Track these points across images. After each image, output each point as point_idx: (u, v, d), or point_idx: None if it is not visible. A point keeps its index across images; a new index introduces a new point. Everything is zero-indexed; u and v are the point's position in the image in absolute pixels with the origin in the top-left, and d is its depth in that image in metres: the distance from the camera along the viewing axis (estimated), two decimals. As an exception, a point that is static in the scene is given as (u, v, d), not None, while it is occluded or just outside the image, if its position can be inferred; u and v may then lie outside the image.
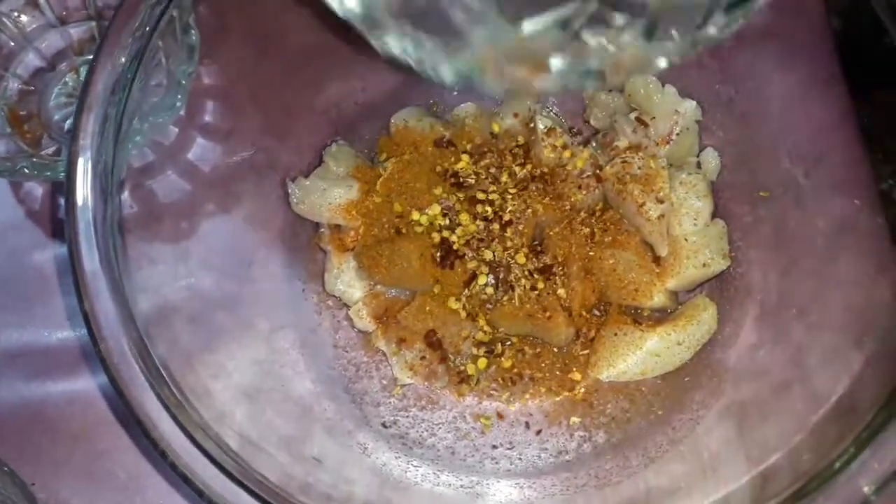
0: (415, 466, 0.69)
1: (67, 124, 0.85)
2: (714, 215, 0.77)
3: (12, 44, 0.84)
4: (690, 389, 0.71)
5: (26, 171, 0.76)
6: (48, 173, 0.77)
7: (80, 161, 0.59)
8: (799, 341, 0.65)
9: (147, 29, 0.62)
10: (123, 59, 0.62)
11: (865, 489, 0.47)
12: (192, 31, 0.70)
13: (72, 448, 0.76)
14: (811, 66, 0.72)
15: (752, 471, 0.55)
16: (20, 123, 0.84)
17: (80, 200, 0.58)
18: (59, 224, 0.82)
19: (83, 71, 0.86)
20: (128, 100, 0.62)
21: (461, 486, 0.68)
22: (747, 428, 0.62)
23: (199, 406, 0.54)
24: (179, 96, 0.73)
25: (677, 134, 0.77)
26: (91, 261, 0.57)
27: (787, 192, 0.71)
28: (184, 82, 0.72)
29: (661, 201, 0.75)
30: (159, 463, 0.74)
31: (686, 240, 0.76)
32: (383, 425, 0.73)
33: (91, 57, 0.76)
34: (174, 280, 0.66)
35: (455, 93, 0.84)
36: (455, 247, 0.76)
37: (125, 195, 0.62)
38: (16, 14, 0.83)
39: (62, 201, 0.80)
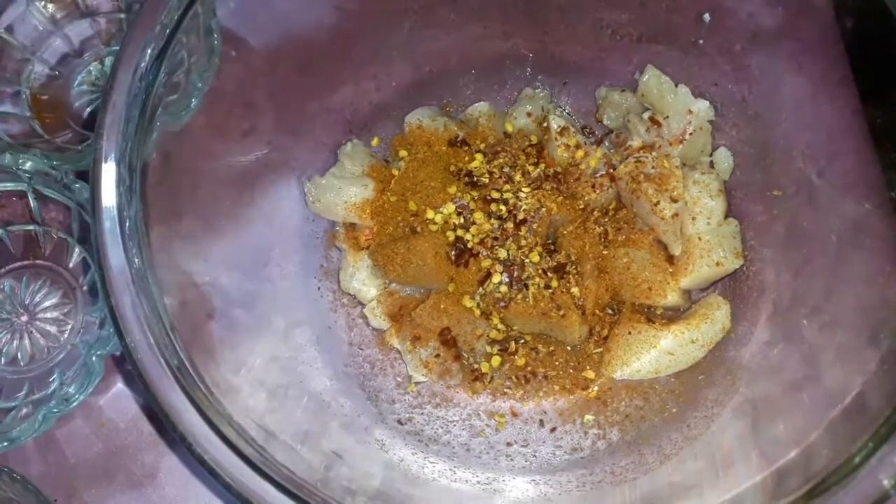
0: (431, 462, 0.70)
1: (87, 112, 0.86)
2: (727, 214, 0.78)
3: (41, 28, 0.85)
4: (704, 387, 0.72)
5: (39, 156, 0.77)
6: (56, 162, 0.77)
7: (104, 160, 0.60)
8: (812, 339, 0.65)
9: (169, 30, 0.63)
10: (147, 59, 0.62)
11: (885, 483, 0.47)
12: (215, 34, 0.71)
13: (87, 444, 0.77)
14: (823, 68, 0.72)
15: (769, 467, 0.55)
16: (41, 108, 0.85)
17: (105, 200, 0.59)
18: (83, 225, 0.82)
19: (108, 61, 0.87)
20: (151, 99, 0.63)
21: (478, 482, 0.69)
22: (762, 425, 0.63)
23: (223, 400, 0.54)
24: (196, 96, 0.73)
25: (690, 133, 0.78)
26: (117, 258, 0.57)
27: (801, 192, 0.71)
28: (200, 84, 0.73)
29: (675, 200, 0.75)
30: (177, 459, 0.75)
31: (699, 238, 0.76)
32: (399, 422, 0.74)
33: (117, 48, 0.78)
34: (194, 277, 0.67)
35: (469, 92, 0.85)
36: (469, 245, 0.76)
37: (146, 198, 0.62)
38: (42, 3, 0.85)
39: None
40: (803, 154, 0.72)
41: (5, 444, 0.68)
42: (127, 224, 0.59)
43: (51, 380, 0.77)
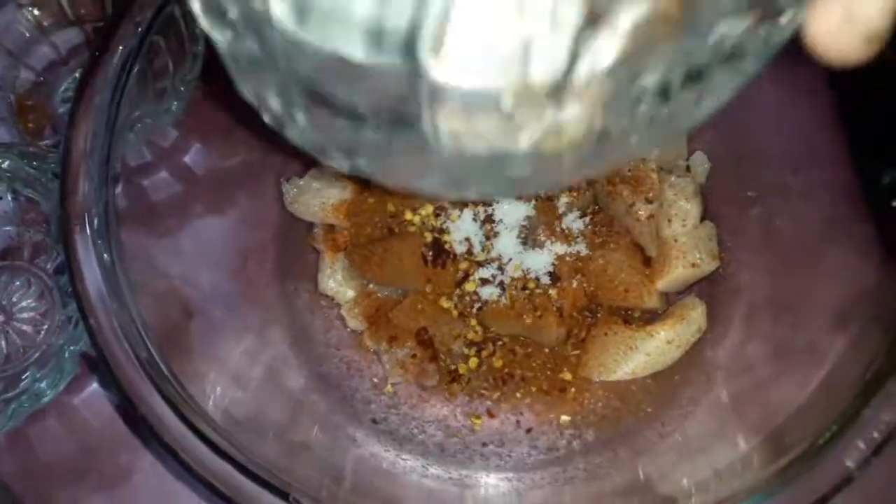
0: (403, 459, 0.69)
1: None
2: (704, 218, 0.78)
3: (28, 35, 0.87)
4: (680, 386, 0.72)
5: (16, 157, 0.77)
6: (35, 163, 0.78)
7: (74, 156, 0.60)
8: (784, 335, 0.65)
9: (142, 29, 0.63)
10: (119, 58, 0.63)
11: (849, 464, 0.48)
12: (200, 41, 0.72)
13: (60, 444, 0.76)
14: (799, 71, 0.73)
15: (741, 452, 0.55)
16: (25, 113, 0.86)
17: (76, 197, 0.58)
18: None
19: None
20: (122, 100, 0.63)
21: (450, 478, 0.68)
22: (736, 416, 0.63)
23: (189, 387, 0.54)
24: (177, 101, 0.74)
25: (666, 137, 0.78)
26: (86, 255, 0.57)
27: (776, 191, 0.72)
28: (182, 89, 0.74)
29: (650, 201, 0.76)
30: (151, 459, 0.75)
31: (675, 240, 0.76)
32: (373, 421, 0.73)
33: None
34: (168, 274, 0.67)
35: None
36: (447, 246, 0.77)
37: (121, 194, 0.63)
38: (30, 8, 0.86)
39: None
40: (778, 154, 0.73)
41: None
42: (96, 220, 0.59)
43: (24, 377, 0.76)
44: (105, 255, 0.58)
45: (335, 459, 0.64)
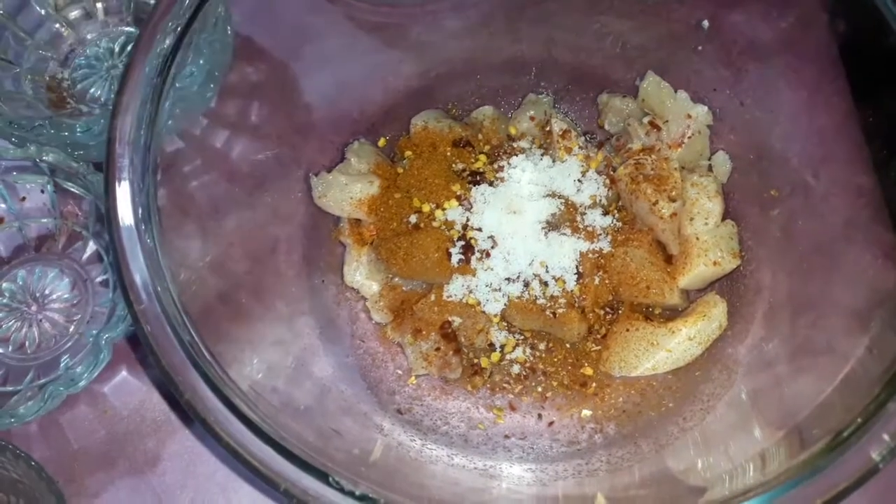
0: (429, 448, 0.70)
1: (90, 92, 0.90)
2: (725, 216, 0.79)
3: (43, 12, 0.89)
4: (701, 383, 0.73)
5: (45, 131, 0.79)
6: (65, 133, 0.79)
7: (119, 143, 0.61)
8: (806, 333, 0.66)
9: (181, 28, 0.64)
10: (163, 48, 0.64)
11: (874, 456, 0.49)
12: (229, 28, 0.73)
13: (90, 430, 0.78)
14: (818, 71, 0.74)
15: (761, 446, 0.56)
16: (44, 88, 0.88)
17: (118, 183, 0.60)
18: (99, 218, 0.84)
19: (104, 42, 0.91)
20: (166, 84, 0.64)
21: (475, 468, 0.69)
22: (756, 411, 0.64)
23: (229, 371, 0.56)
24: (212, 86, 0.75)
25: (689, 137, 0.79)
26: (131, 239, 0.58)
27: (796, 193, 0.73)
28: (217, 73, 0.75)
29: (672, 200, 0.77)
30: (178, 447, 0.76)
31: (697, 239, 0.77)
32: (398, 411, 0.75)
33: (117, 30, 0.88)
34: (204, 261, 0.68)
35: (474, 97, 0.87)
36: (471, 242, 0.78)
37: (158, 182, 0.64)
38: None
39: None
40: (799, 156, 0.74)
41: (11, 420, 0.69)
42: (140, 209, 0.60)
43: (58, 366, 0.78)
44: (149, 241, 0.59)
45: (364, 446, 0.65)
